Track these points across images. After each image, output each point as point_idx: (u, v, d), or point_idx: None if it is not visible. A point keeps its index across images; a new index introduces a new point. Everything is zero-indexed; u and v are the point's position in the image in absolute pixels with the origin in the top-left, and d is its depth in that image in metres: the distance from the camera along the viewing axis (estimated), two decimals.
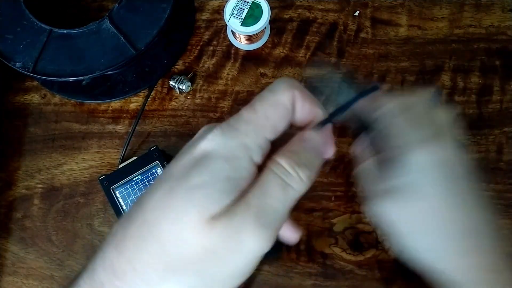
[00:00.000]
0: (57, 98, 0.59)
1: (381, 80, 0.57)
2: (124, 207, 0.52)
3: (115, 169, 0.53)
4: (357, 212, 0.53)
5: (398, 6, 0.60)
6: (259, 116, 0.24)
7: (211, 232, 0.22)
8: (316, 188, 0.54)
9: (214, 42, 0.59)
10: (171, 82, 0.57)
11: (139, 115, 0.56)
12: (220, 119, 0.57)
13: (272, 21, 0.60)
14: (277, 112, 0.25)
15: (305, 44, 0.59)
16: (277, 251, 0.52)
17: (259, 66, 0.58)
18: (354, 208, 0.53)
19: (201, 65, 0.59)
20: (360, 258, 0.52)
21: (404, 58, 0.58)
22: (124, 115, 0.58)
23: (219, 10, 0.60)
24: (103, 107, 0.58)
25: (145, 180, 0.53)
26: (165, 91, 0.58)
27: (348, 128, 0.33)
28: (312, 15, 0.60)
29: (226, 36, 0.59)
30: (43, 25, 0.53)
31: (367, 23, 0.59)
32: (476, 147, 0.55)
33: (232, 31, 0.57)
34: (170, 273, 0.22)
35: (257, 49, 0.59)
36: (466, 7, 0.59)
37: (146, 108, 0.57)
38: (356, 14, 0.59)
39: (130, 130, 0.56)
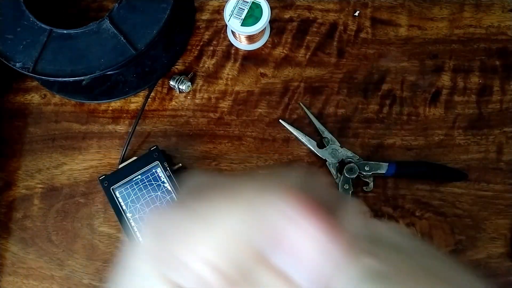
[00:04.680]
0: (57, 98, 0.59)
1: (380, 81, 0.57)
2: (124, 207, 0.52)
3: (115, 169, 0.53)
4: None
5: (398, 6, 0.60)
6: None
7: None
8: None
9: (214, 42, 0.59)
10: (171, 82, 0.57)
11: (139, 115, 0.56)
12: (220, 119, 0.57)
13: (272, 21, 0.60)
14: None
15: (305, 44, 0.59)
16: None
17: (259, 66, 0.58)
18: None
19: (201, 65, 0.59)
20: None
21: (404, 58, 0.58)
22: (124, 115, 0.58)
23: (219, 10, 0.60)
24: (103, 107, 0.58)
25: (145, 180, 0.53)
26: (165, 91, 0.58)
27: None
28: (312, 15, 0.60)
29: (226, 36, 0.59)
30: (43, 25, 0.53)
31: (367, 23, 0.59)
32: (476, 147, 0.55)
33: (232, 31, 0.57)
34: None
35: (257, 49, 0.59)
36: (466, 7, 0.59)
37: (146, 108, 0.57)
38: (356, 14, 0.59)
39: (130, 130, 0.56)
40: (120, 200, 0.52)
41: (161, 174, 0.53)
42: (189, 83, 0.57)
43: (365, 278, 0.21)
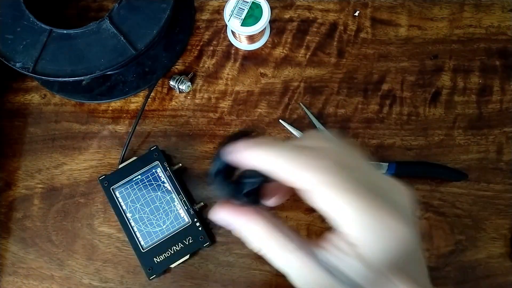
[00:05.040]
0: (57, 98, 0.59)
1: (380, 81, 0.57)
2: (124, 207, 0.52)
3: (115, 169, 0.53)
4: None
5: (398, 6, 0.60)
6: None
7: None
8: None
9: (214, 42, 0.59)
10: (171, 82, 0.57)
11: (139, 115, 0.56)
12: (220, 119, 0.57)
13: (272, 21, 0.60)
14: None
15: (305, 44, 0.59)
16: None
17: (259, 66, 0.58)
18: None
19: (201, 65, 0.59)
20: None
21: (404, 58, 0.58)
22: (124, 115, 0.58)
23: (219, 10, 0.60)
24: (103, 107, 0.58)
25: (145, 180, 0.53)
26: (165, 91, 0.58)
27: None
28: (312, 15, 0.60)
29: (226, 36, 0.59)
30: (43, 25, 0.53)
31: (367, 23, 0.59)
32: (476, 147, 0.55)
33: (232, 31, 0.57)
34: None
35: (257, 49, 0.59)
36: (466, 7, 0.59)
37: (146, 108, 0.57)
38: (356, 14, 0.59)
39: (130, 130, 0.56)
40: (120, 200, 0.52)
41: (161, 174, 0.53)
42: (189, 83, 0.57)
43: None
